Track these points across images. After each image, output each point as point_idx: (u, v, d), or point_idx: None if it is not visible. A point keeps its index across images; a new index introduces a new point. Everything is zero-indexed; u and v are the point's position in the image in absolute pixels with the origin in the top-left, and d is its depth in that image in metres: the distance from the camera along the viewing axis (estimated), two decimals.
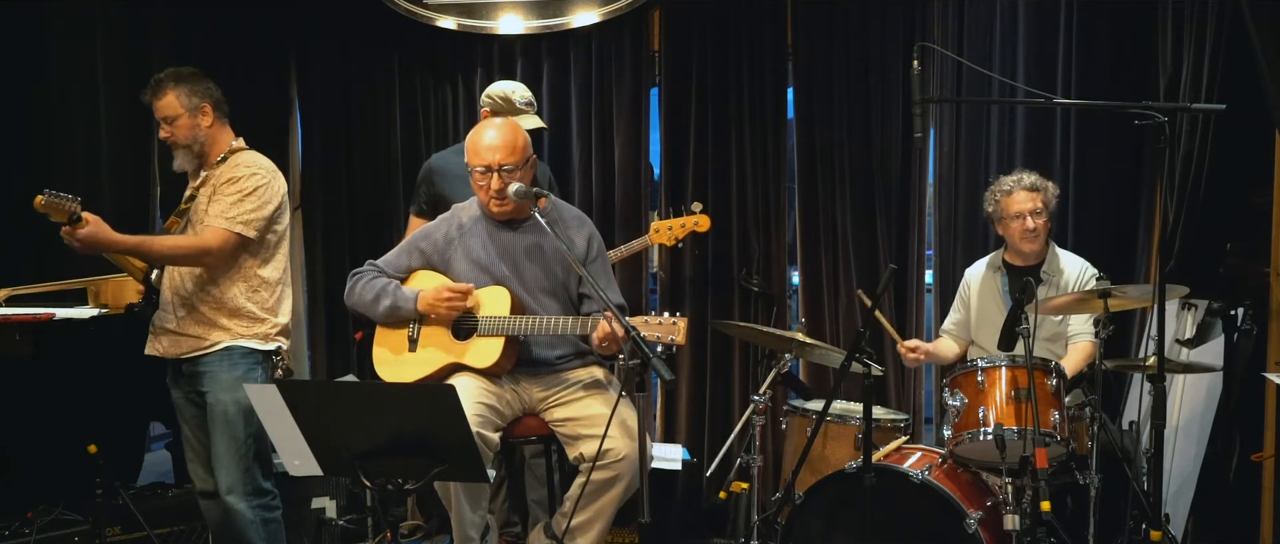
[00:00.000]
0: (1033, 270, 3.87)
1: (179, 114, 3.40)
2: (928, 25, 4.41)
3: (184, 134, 3.42)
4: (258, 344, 3.44)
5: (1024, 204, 3.84)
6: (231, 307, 3.40)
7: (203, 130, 3.43)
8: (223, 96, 3.49)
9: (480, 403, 3.19)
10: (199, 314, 3.40)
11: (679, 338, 3.04)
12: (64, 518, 3.97)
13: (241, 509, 3.41)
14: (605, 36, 4.62)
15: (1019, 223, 3.85)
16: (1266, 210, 3.96)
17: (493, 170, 3.28)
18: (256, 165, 3.44)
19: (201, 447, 3.53)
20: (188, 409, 3.52)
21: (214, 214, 3.35)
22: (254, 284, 3.44)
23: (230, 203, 3.35)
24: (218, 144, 3.47)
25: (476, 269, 3.38)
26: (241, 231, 3.35)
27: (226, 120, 3.50)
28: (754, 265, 4.56)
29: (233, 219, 3.34)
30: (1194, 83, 3.96)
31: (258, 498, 3.44)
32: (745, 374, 4.59)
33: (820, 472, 3.60)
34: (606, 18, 4.53)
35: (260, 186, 3.39)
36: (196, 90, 3.42)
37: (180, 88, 3.40)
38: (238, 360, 3.40)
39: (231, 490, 3.41)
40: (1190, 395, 4.14)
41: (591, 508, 3.21)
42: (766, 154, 4.55)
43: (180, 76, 3.43)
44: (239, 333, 3.42)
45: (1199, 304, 4.03)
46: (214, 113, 3.45)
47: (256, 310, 3.44)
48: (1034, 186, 3.85)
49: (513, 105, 4.05)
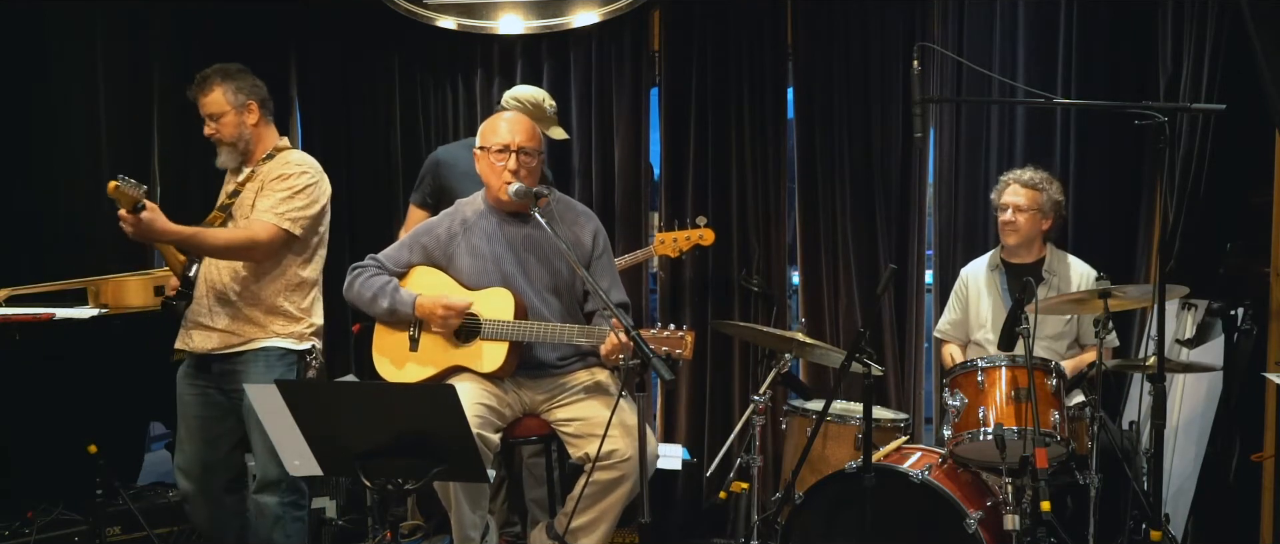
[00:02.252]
0: (1032, 269, 3.88)
1: (225, 110, 3.38)
2: (928, 25, 4.41)
3: (230, 131, 3.40)
4: (293, 344, 3.43)
5: (1011, 197, 3.89)
6: (268, 304, 3.39)
7: (248, 128, 3.41)
8: (268, 94, 3.47)
9: (480, 404, 3.19)
10: (237, 311, 3.37)
11: (686, 352, 3.03)
12: (64, 518, 3.98)
13: (272, 505, 3.39)
14: (605, 36, 4.62)
15: (1003, 216, 3.91)
16: (1266, 210, 3.96)
17: (511, 150, 3.27)
18: (306, 164, 3.42)
19: (195, 449, 3.48)
20: (199, 408, 3.47)
21: (262, 209, 3.32)
22: (293, 283, 3.42)
23: (280, 198, 3.33)
24: (263, 142, 3.45)
25: (480, 265, 3.35)
26: (289, 228, 3.33)
27: (272, 118, 3.48)
28: (754, 265, 4.55)
29: (282, 214, 3.32)
30: (1194, 83, 3.96)
31: (291, 495, 3.42)
32: (745, 374, 4.59)
33: (820, 472, 3.60)
34: (606, 18, 4.53)
35: (309, 185, 3.37)
36: (243, 87, 3.39)
37: (227, 84, 3.38)
38: (274, 362, 3.38)
39: (266, 487, 3.39)
40: (1190, 395, 4.14)
41: (596, 508, 3.21)
42: (766, 154, 4.55)
43: (227, 73, 3.40)
44: (276, 331, 3.40)
45: (1199, 304, 4.03)
46: (260, 110, 3.42)
47: (293, 310, 3.42)
48: (1029, 183, 3.88)
49: (543, 112, 4.03)
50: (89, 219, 4.44)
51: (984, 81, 4.34)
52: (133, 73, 4.61)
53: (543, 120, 3.94)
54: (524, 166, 3.27)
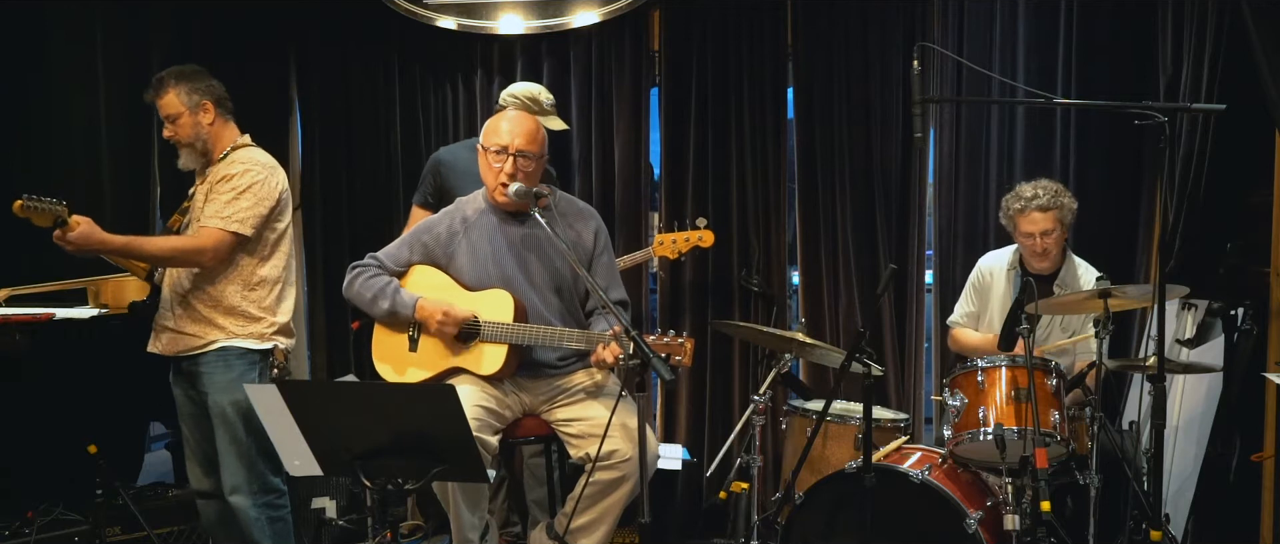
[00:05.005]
0: (1045, 279, 3.87)
1: (181, 112, 3.39)
2: (928, 25, 4.41)
3: (186, 132, 3.41)
4: (254, 344, 3.42)
5: (1035, 225, 3.79)
6: (226, 305, 3.39)
7: (205, 128, 3.41)
8: (226, 93, 3.47)
9: (479, 406, 3.18)
10: (195, 312, 3.39)
11: (685, 359, 3.03)
12: (64, 518, 3.97)
13: (245, 508, 3.40)
14: (605, 36, 4.61)
15: (1030, 242, 3.83)
16: (1266, 210, 3.97)
17: (509, 153, 3.26)
18: (252, 162, 3.41)
19: (198, 446, 3.52)
20: (187, 407, 3.51)
21: (209, 214, 3.34)
22: (251, 283, 3.42)
23: (225, 201, 3.33)
24: (221, 141, 3.45)
25: (480, 263, 3.35)
26: (237, 230, 3.33)
27: (230, 117, 3.48)
28: (754, 265, 4.55)
29: (228, 218, 3.32)
30: (1194, 83, 3.96)
31: (264, 496, 3.42)
32: (745, 374, 4.59)
33: (820, 472, 3.60)
34: (606, 18, 4.53)
35: (255, 183, 3.36)
36: (197, 88, 3.40)
37: (181, 85, 3.38)
38: (233, 361, 3.39)
39: (236, 490, 3.40)
40: (1190, 395, 4.14)
41: (596, 508, 3.21)
42: (766, 154, 4.55)
43: (181, 74, 3.41)
44: (234, 332, 3.40)
45: (1199, 304, 4.03)
46: (216, 110, 3.42)
47: (253, 309, 3.42)
48: (1047, 206, 3.76)
49: (541, 106, 4.06)
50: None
51: (984, 81, 4.35)
52: (133, 73, 4.61)
53: (540, 113, 3.95)
54: (521, 169, 3.26)
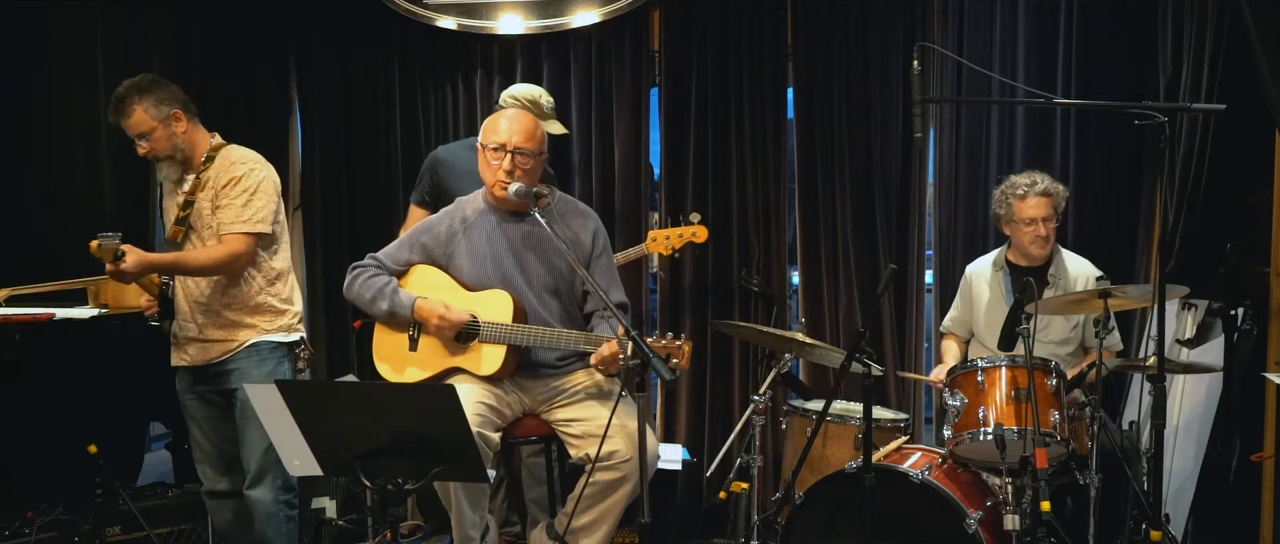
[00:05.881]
0: (1038, 271, 3.87)
1: (152, 127, 3.28)
2: (928, 25, 4.41)
3: (163, 146, 3.32)
4: (282, 337, 3.44)
5: (1037, 210, 3.82)
6: (253, 303, 3.39)
7: (180, 136, 3.33)
8: (188, 95, 3.39)
9: (481, 403, 3.18)
10: (222, 318, 3.37)
11: (683, 362, 3.03)
12: (64, 518, 3.97)
13: (266, 501, 3.39)
14: (605, 36, 4.62)
15: (1032, 229, 3.84)
16: (1266, 210, 3.97)
17: (507, 151, 3.26)
18: (250, 160, 3.39)
19: (215, 447, 3.50)
20: (199, 410, 3.48)
21: (228, 220, 3.30)
22: (270, 277, 3.42)
23: (241, 205, 3.31)
24: (198, 146, 3.38)
25: (479, 263, 3.35)
26: (261, 230, 3.33)
27: (198, 118, 3.40)
28: (754, 265, 4.55)
29: (249, 220, 3.31)
30: (1194, 83, 3.96)
31: (285, 493, 3.43)
32: (745, 374, 4.59)
33: (820, 472, 3.60)
34: (606, 18, 4.53)
35: (262, 181, 3.35)
36: (163, 98, 3.30)
37: (145, 99, 3.28)
38: (266, 355, 3.39)
39: (259, 481, 3.38)
40: (1190, 395, 4.14)
41: (597, 509, 3.21)
42: (766, 154, 4.55)
43: (141, 88, 3.30)
44: (264, 328, 3.40)
45: (1199, 304, 4.03)
46: (186, 116, 3.34)
47: (276, 303, 3.43)
48: (1047, 192, 3.82)
49: (541, 109, 4.06)
50: (89, 219, 4.44)
51: (984, 81, 4.35)
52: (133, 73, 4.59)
53: (540, 116, 3.95)
54: (519, 167, 3.26)
